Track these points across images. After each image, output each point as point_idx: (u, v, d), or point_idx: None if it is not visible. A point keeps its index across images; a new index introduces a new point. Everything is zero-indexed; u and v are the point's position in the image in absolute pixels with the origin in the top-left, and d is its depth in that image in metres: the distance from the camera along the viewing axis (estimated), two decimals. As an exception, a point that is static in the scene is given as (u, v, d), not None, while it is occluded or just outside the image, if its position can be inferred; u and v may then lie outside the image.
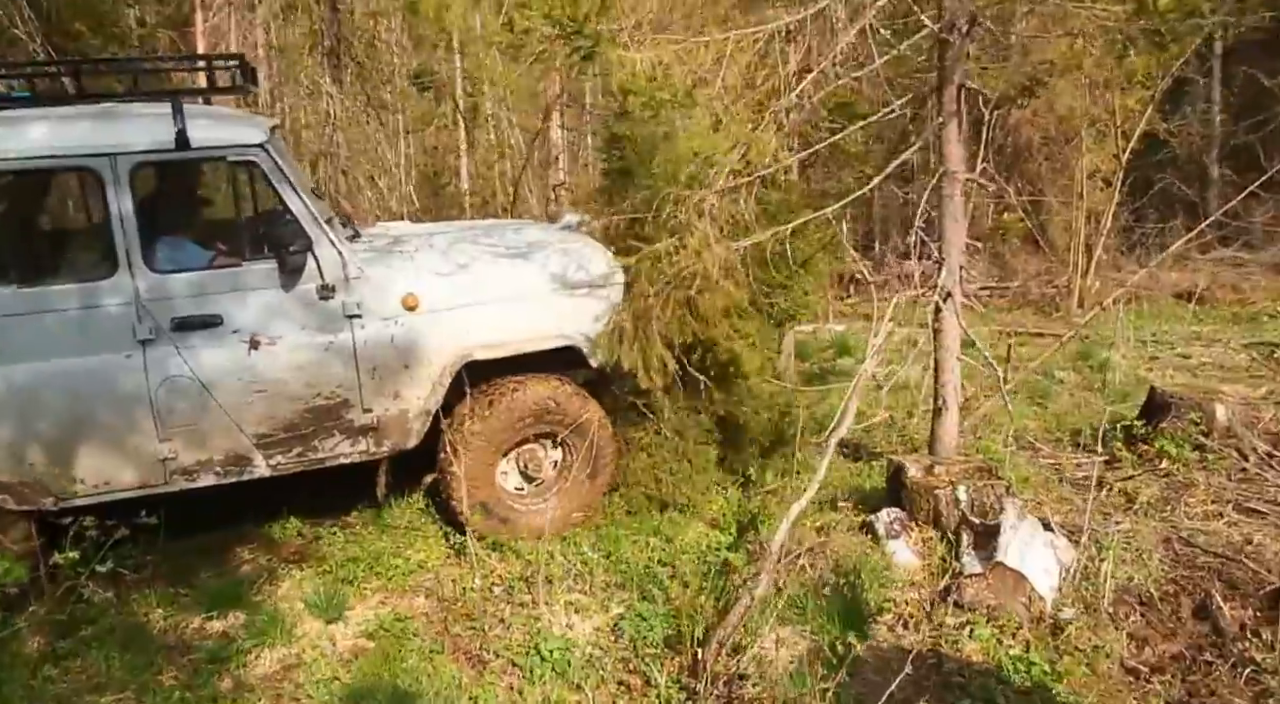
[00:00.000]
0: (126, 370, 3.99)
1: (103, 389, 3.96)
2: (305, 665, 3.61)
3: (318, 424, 4.30)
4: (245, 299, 4.14)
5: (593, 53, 4.12)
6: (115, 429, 4.01)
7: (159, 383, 4.02)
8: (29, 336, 3.88)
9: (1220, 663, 3.41)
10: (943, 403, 4.75)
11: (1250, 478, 4.97)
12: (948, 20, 4.53)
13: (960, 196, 4.70)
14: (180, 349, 4.05)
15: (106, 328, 3.97)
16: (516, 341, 4.54)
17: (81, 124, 4.01)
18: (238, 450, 4.21)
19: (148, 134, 3.98)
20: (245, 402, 4.15)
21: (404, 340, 4.34)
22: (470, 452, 4.48)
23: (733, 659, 3.41)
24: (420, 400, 4.42)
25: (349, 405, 4.32)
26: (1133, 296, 9.82)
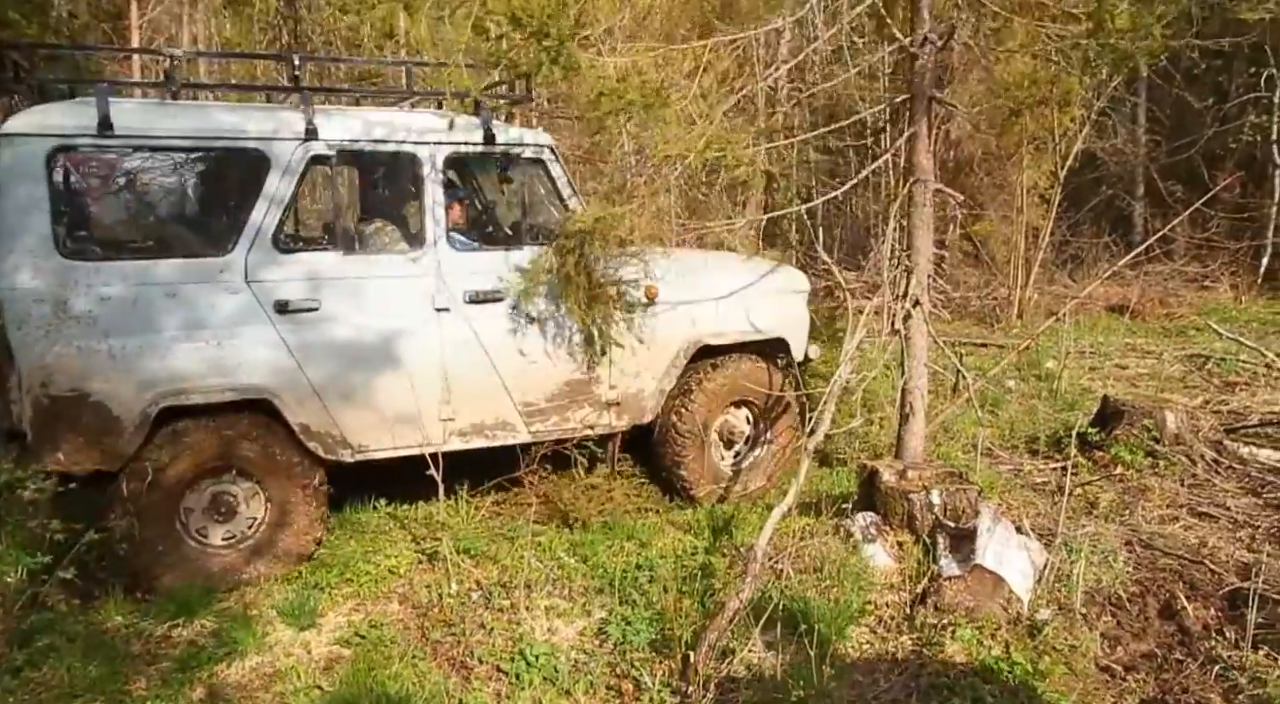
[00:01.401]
0: (425, 336, 4.47)
1: (403, 352, 4.40)
2: (282, 674, 3.50)
3: (572, 396, 4.84)
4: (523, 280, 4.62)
5: (559, 54, 4.10)
6: (409, 389, 4.42)
7: (450, 349, 4.50)
8: (347, 299, 4.32)
9: (1189, 661, 3.52)
10: (910, 409, 4.83)
11: (1200, 483, 5.18)
12: (919, 35, 4.63)
13: (929, 205, 4.79)
14: (469, 320, 4.55)
15: (411, 296, 4.47)
16: (739, 331, 5.22)
17: (409, 118, 4.62)
18: (506, 417, 4.71)
19: (464, 131, 4.59)
20: (518, 371, 4.66)
21: (649, 323, 4.93)
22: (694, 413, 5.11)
23: (723, 663, 3.41)
24: (655, 380, 5.03)
25: (599, 381, 4.89)
26: (1074, 309, 10.12)
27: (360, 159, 4.82)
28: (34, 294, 3.82)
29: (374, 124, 4.52)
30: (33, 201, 3.83)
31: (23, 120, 3.91)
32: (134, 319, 3.96)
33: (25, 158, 3.83)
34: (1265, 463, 5.44)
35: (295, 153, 4.28)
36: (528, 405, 4.76)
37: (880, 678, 3.39)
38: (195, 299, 4.08)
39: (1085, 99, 11.20)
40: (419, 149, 4.52)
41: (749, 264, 5.60)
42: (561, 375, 4.80)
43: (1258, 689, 3.25)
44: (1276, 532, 4.55)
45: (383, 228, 4.79)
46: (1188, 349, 9.10)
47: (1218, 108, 14.32)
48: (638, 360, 4.95)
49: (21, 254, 3.83)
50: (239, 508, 4.27)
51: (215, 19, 13.61)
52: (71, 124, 3.91)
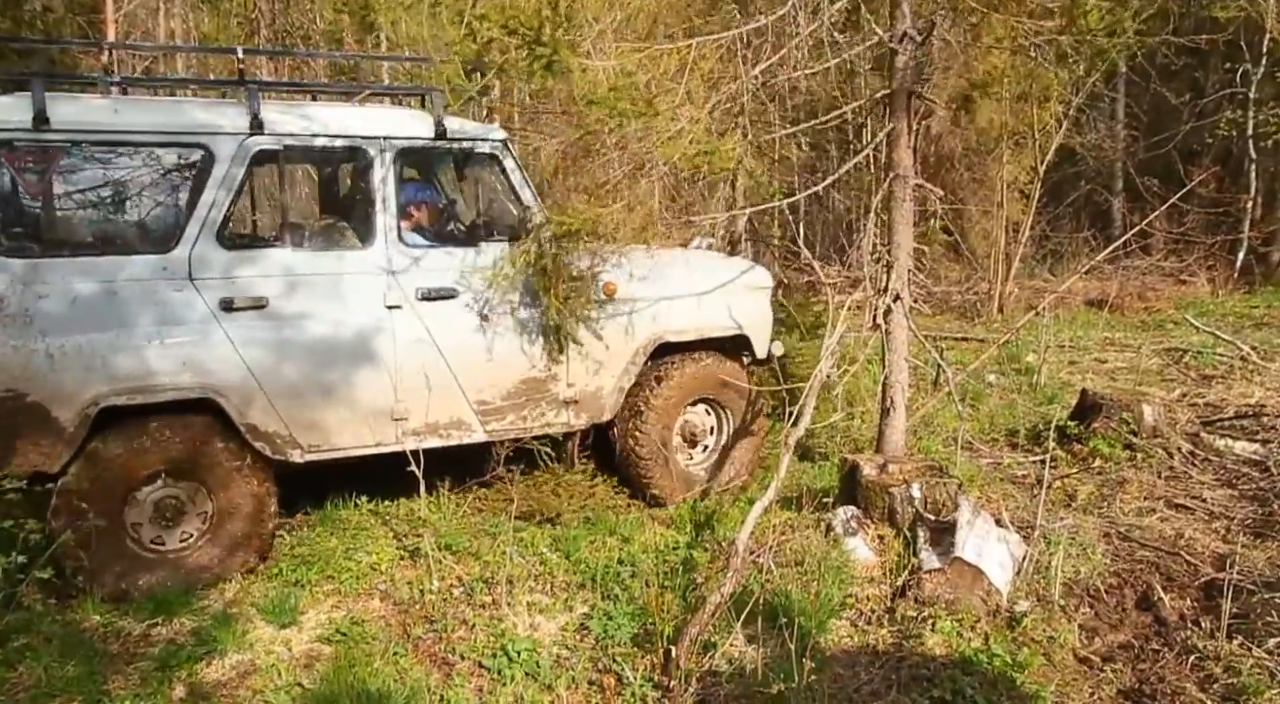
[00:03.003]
0: (376, 334, 4.39)
1: (353, 350, 4.34)
2: (262, 671, 3.48)
3: (529, 395, 4.79)
4: (478, 275, 4.60)
5: (552, 61, 4.09)
6: (361, 388, 4.37)
7: (402, 347, 4.43)
8: (295, 296, 4.25)
9: (1166, 652, 3.56)
10: (890, 403, 4.86)
11: (1177, 475, 5.23)
12: (899, 30, 4.65)
13: (910, 201, 4.82)
14: (422, 317, 4.48)
15: (362, 293, 4.39)
16: (700, 328, 5.19)
17: (358, 113, 4.58)
18: (461, 416, 4.65)
19: (414, 126, 4.53)
20: (472, 369, 4.61)
21: (606, 321, 4.88)
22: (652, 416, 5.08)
23: (704, 657, 3.42)
24: (614, 378, 4.98)
25: (556, 379, 4.83)
26: (1053, 303, 10.20)
27: (309, 154, 4.71)
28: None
29: (322, 119, 4.42)
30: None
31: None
32: (73, 318, 3.86)
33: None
34: (1240, 455, 5.50)
35: (240, 147, 4.18)
36: (483, 404, 4.70)
37: (861, 670, 3.40)
38: (137, 297, 3.98)
39: (1064, 95, 11.28)
40: (368, 144, 4.44)
41: (710, 260, 5.57)
42: (518, 374, 4.74)
43: (1232, 678, 3.29)
44: (1251, 523, 4.61)
45: (334, 224, 4.71)
46: (1165, 343, 9.19)
47: (1194, 103, 14.46)
48: (596, 358, 4.90)
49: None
50: (185, 510, 4.17)
51: (193, 13, 13.48)
52: (5, 118, 3.81)
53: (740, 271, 5.49)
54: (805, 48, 4.87)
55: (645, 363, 5.06)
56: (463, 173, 4.96)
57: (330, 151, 4.62)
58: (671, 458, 5.17)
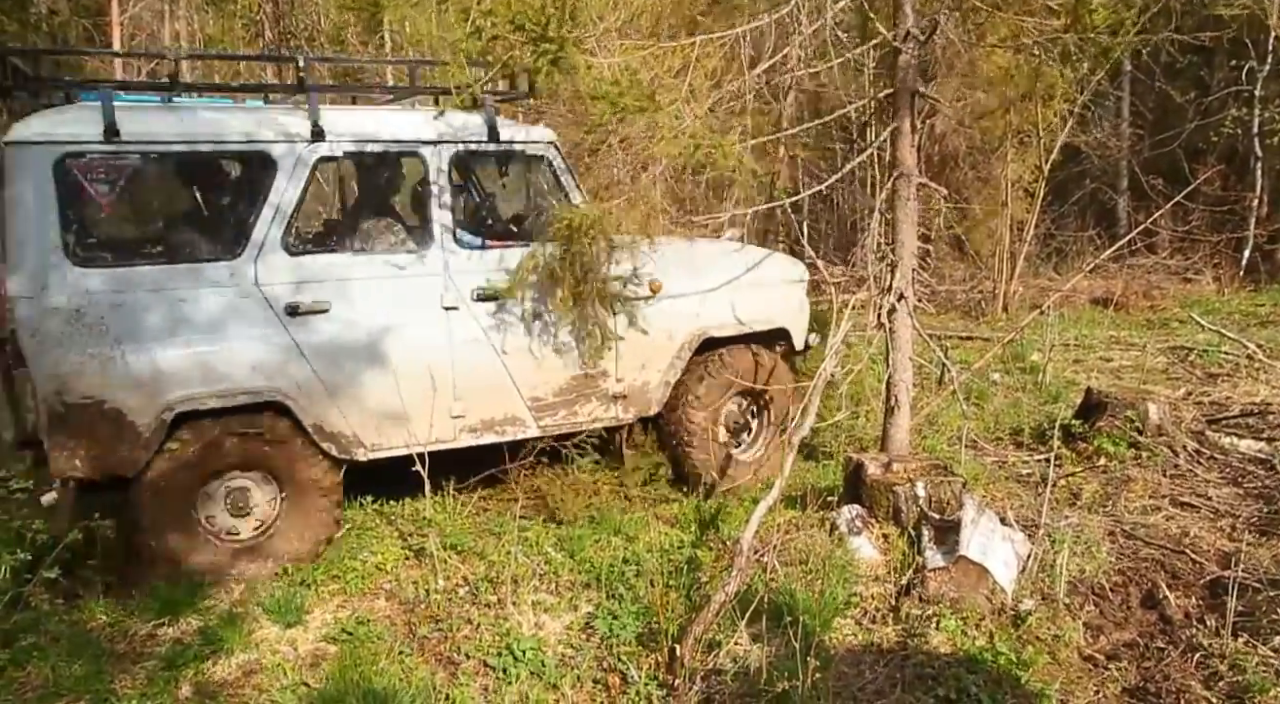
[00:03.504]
0: (434, 335, 4.50)
1: (413, 350, 4.43)
2: (267, 670, 3.49)
3: (580, 390, 4.88)
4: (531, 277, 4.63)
5: (558, 58, 4.10)
6: (420, 387, 4.45)
7: (459, 347, 4.52)
8: (356, 299, 4.33)
9: (1171, 650, 3.56)
10: (895, 402, 4.85)
11: (1182, 473, 5.22)
12: (902, 29, 4.64)
13: (914, 200, 4.81)
14: (477, 318, 4.58)
15: (420, 295, 4.48)
16: (742, 322, 5.26)
17: (414, 117, 4.63)
18: (516, 412, 4.75)
19: (468, 129, 4.61)
20: (526, 366, 4.70)
21: (653, 317, 4.96)
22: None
23: (709, 655, 3.42)
24: (661, 373, 5.08)
25: (605, 375, 4.93)
26: (1059, 302, 10.18)
27: (366, 159, 4.78)
28: (46, 302, 3.81)
29: (380, 123, 4.54)
30: (42, 210, 3.82)
31: (30, 127, 3.90)
32: (146, 325, 3.95)
33: (34, 165, 3.81)
34: (1246, 453, 5.49)
35: (302, 154, 4.27)
36: (536, 400, 4.81)
37: (865, 669, 3.41)
38: (206, 304, 4.07)
39: (1069, 93, 11.26)
40: (424, 148, 4.54)
41: (750, 255, 5.65)
42: (569, 370, 4.85)
43: (1237, 676, 3.29)
44: (1257, 521, 4.60)
45: (390, 227, 4.77)
46: (1171, 341, 9.17)
47: (1200, 101, 14.42)
48: (643, 353, 5.01)
49: (33, 263, 3.81)
50: (253, 506, 4.29)
51: (198, 15, 13.52)
52: (79, 131, 3.89)
53: (778, 265, 5.61)
54: (809, 47, 4.87)
55: (690, 357, 5.17)
56: (512, 173, 5.06)
57: (388, 156, 4.71)
58: (718, 448, 5.27)
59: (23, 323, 3.78)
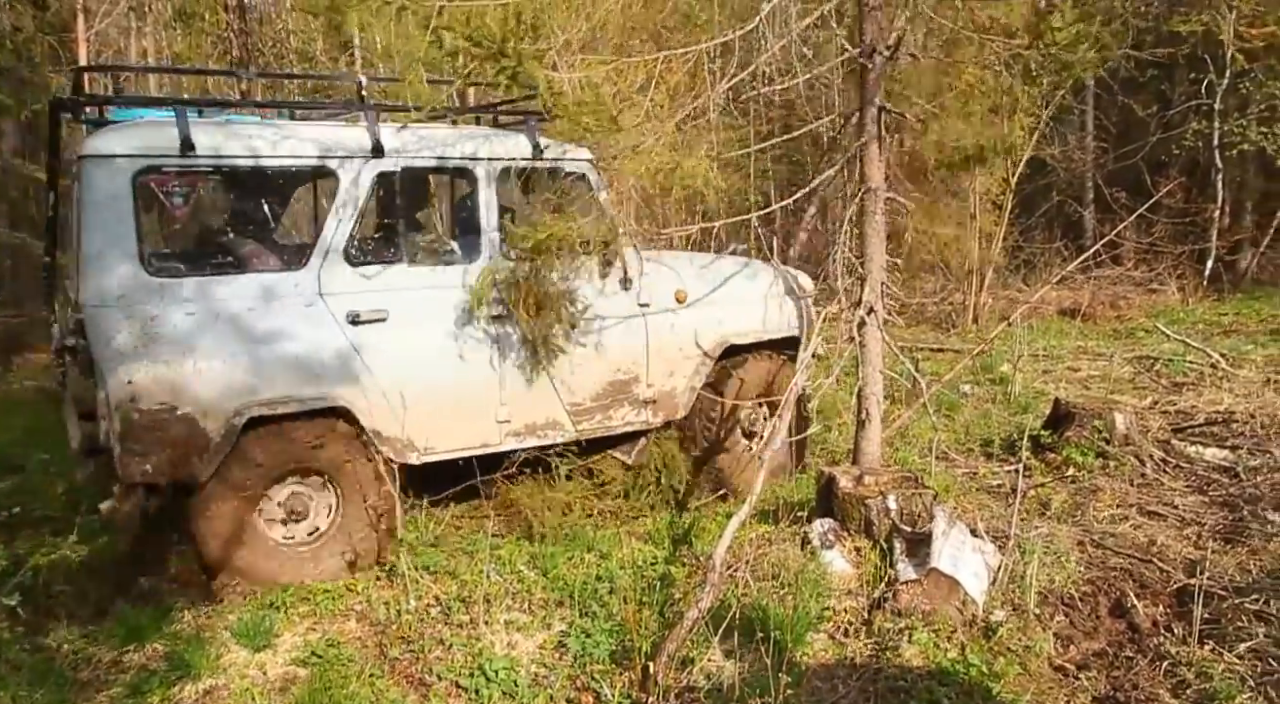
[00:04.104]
0: (483, 343, 4.64)
1: (464, 358, 4.59)
2: (236, 695, 3.44)
3: (614, 395, 5.08)
4: (569, 286, 4.78)
5: (516, 73, 4.11)
6: (470, 393, 4.62)
7: (506, 354, 4.67)
8: (412, 309, 4.47)
9: (1139, 658, 3.59)
10: (866, 415, 4.87)
11: (1149, 482, 5.29)
12: (868, 45, 4.70)
13: (881, 214, 4.85)
14: (520, 325, 4.67)
15: (468, 305, 4.59)
16: (761, 331, 5.50)
17: (466, 134, 4.83)
18: (556, 417, 4.92)
19: (514, 146, 4.78)
20: (567, 373, 4.85)
21: (680, 326, 5.21)
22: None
23: (682, 673, 3.41)
24: (687, 378, 5.28)
25: (637, 380, 5.14)
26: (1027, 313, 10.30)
27: (421, 174, 4.89)
28: (122, 311, 3.89)
29: (434, 140, 4.69)
30: (119, 221, 3.91)
31: (107, 141, 4.00)
32: (217, 333, 4.05)
33: (112, 178, 3.92)
34: (1211, 461, 5.57)
35: (363, 169, 4.42)
36: (575, 405, 4.98)
37: (838, 683, 3.41)
38: (273, 313, 4.19)
39: (1033, 108, 11.42)
40: (475, 164, 4.71)
41: (764, 268, 5.88)
42: (605, 376, 5.04)
43: (1204, 684, 3.32)
44: (1222, 529, 4.66)
45: (439, 239, 4.95)
46: (1137, 351, 9.30)
47: (1161, 115, 14.68)
48: (671, 360, 5.24)
49: (108, 272, 3.90)
50: (311, 513, 4.37)
51: (166, 32, 13.42)
52: (156, 145, 4.02)
53: (789, 278, 5.84)
54: (774, 63, 4.92)
55: (714, 364, 5.38)
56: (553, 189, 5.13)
57: (441, 171, 4.88)
58: (737, 451, 5.41)
59: (98, 331, 3.86)
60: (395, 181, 4.60)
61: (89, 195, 3.92)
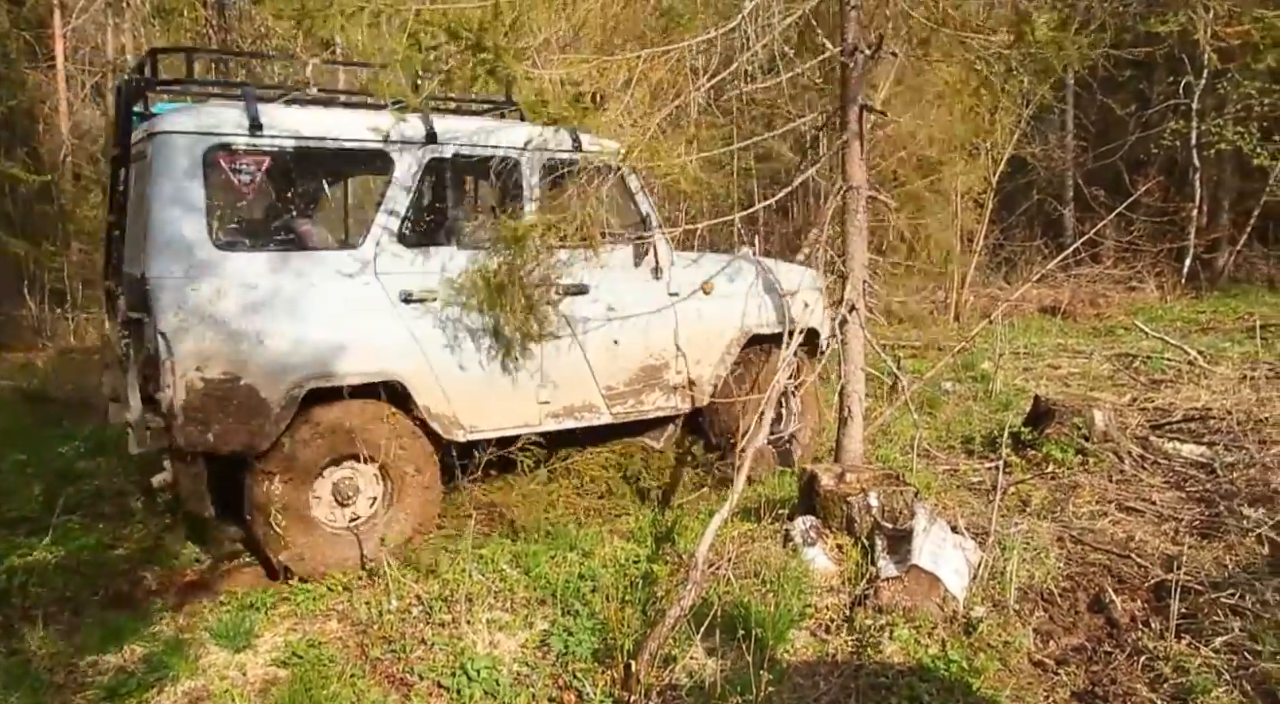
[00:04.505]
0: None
1: (506, 340, 4.69)
2: (215, 697, 3.41)
3: (646, 381, 5.28)
4: (605, 274, 5.02)
5: (495, 67, 4.10)
6: (513, 374, 4.78)
7: (547, 337, 4.79)
8: (459, 289, 4.59)
9: (1118, 653, 3.62)
10: (848, 413, 4.89)
11: (1128, 478, 5.33)
12: (850, 44, 4.71)
13: (863, 213, 4.87)
14: (562, 312, 4.86)
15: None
16: (782, 322, 5.58)
17: (515, 127, 4.97)
18: (592, 400, 5.10)
19: (557, 139, 4.91)
20: (603, 358, 5.06)
21: (707, 315, 5.42)
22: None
23: (664, 670, 3.41)
24: (713, 366, 5.51)
25: (667, 366, 5.35)
26: (1008, 311, 10.38)
27: (469, 162, 5.03)
28: (189, 283, 4.01)
29: (483, 130, 4.84)
30: (190, 195, 4.05)
31: (179, 120, 4.14)
32: (279, 307, 4.18)
33: (184, 154, 4.06)
34: (1188, 457, 5.62)
35: (417, 155, 4.59)
36: (610, 389, 5.16)
37: (820, 680, 3.42)
38: (333, 289, 4.33)
39: (1014, 107, 11.50)
40: (521, 155, 4.86)
41: (782, 265, 6.07)
42: (638, 362, 5.23)
43: (1181, 678, 3.35)
44: (1199, 524, 4.70)
45: (483, 225, 5.05)
46: (1116, 348, 9.38)
47: (1140, 114, 14.80)
48: (699, 348, 5.44)
49: (177, 245, 4.03)
50: (360, 493, 4.48)
51: (144, 27, 13.29)
52: (227, 123, 4.17)
53: (804, 274, 6.04)
54: (756, 62, 4.92)
55: (738, 352, 5.58)
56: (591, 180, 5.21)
57: (489, 160, 4.95)
58: (757, 439, 5.43)
59: (166, 303, 3.96)
60: (446, 167, 4.78)
61: (160, 171, 4.05)
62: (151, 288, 3.98)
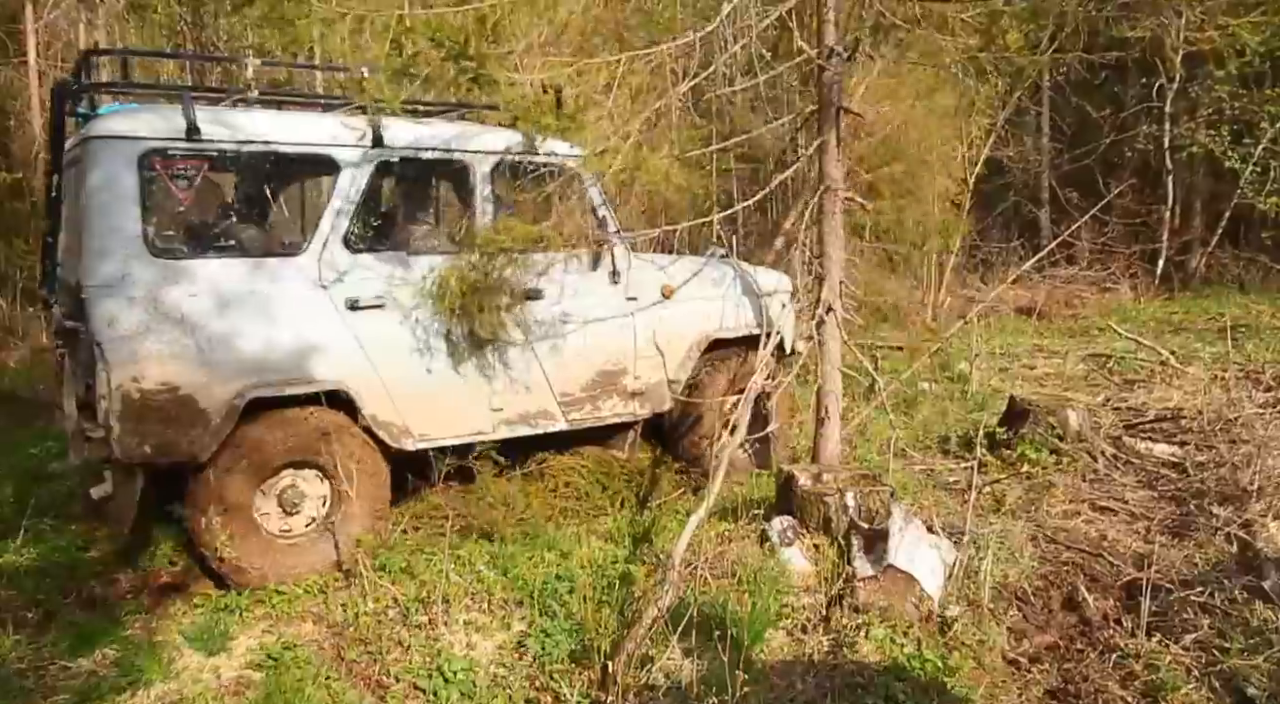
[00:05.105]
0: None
1: (458, 347, 4.66)
2: (189, 701, 3.38)
3: (603, 386, 5.19)
4: (560, 279, 4.93)
5: (479, 75, 4.10)
6: (466, 381, 4.71)
7: (499, 344, 4.75)
8: (408, 297, 4.52)
9: (1090, 651, 3.66)
10: (825, 413, 4.91)
11: (1101, 478, 5.39)
12: (827, 46, 4.73)
13: (840, 214, 4.89)
14: (516, 317, 4.77)
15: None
16: (745, 326, 5.62)
17: (462, 128, 4.90)
18: (547, 407, 5.02)
19: (509, 142, 4.84)
20: (557, 364, 4.97)
21: (667, 320, 5.34)
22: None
23: (641, 671, 3.41)
24: (673, 371, 5.41)
25: (625, 372, 5.26)
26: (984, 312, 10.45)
27: (417, 166, 4.94)
28: (125, 292, 3.90)
29: (433, 134, 4.75)
30: (124, 202, 3.95)
31: (114, 124, 4.04)
32: (219, 316, 4.07)
33: (119, 159, 3.96)
34: (1160, 457, 5.69)
35: (362, 159, 4.49)
36: (565, 395, 5.09)
37: (796, 680, 3.43)
38: (275, 297, 4.23)
39: (989, 109, 11.59)
40: (471, 157, 4.78)
41: (746, 268, 6.01)
42: (594, 368, 5.15)
43: (1151, 675, 3.39)
44: (1170, 523, 4.76)
45: (433, 230, 5.01)
46: (1090, 348, 9.47)
47: (1114, 117, 14.96)
48: (658, 354, 5.35)
49: (113, 253, 3.92)
50: (305, 502, 4.38)
51: (118, 24, 13.14)
52: (163, 128, 4.06)
53: (772, 277, 6.02)
54: (734, 64, 4.94)
55: (699, 357, 5.51)
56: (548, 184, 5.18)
57: (437, 164, 4.91)
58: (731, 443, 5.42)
59: (99, 312, 3.85)
60: (394, 171, 4.70)
61: (94, 177, 3.94)
62: (87, 296, 3.87)
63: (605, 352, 5.17)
